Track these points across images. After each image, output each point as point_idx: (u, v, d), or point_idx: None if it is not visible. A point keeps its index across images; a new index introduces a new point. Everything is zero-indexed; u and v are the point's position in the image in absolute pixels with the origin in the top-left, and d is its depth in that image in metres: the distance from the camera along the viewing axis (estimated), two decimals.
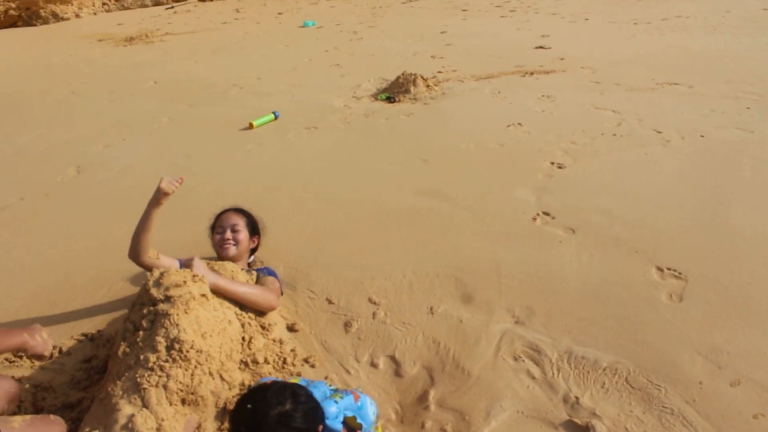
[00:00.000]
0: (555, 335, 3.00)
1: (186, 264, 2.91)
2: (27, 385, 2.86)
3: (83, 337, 3.25)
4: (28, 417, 2.44)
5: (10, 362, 3.08)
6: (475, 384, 2.74)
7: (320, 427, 1.97)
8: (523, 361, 2.86)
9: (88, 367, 3.03)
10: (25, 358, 3.09)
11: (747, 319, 3.02)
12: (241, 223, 3.45)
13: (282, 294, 3.39)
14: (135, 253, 3.11)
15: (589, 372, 2.76)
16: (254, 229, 3.54)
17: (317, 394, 2.18)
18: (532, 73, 7.72)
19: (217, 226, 3.46)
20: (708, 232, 3.80)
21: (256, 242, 3.57)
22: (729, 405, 2.53)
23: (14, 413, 2.61)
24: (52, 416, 2.52)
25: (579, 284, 3.36)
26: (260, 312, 3.09)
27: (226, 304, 2.95)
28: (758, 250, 3.58)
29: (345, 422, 2.15)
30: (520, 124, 5.86)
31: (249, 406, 1.89)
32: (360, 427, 2.17)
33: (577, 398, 2.61)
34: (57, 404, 2.79)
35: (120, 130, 6.77)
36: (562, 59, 8.34)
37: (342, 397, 2.25)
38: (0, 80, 10.15)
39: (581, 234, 3.87)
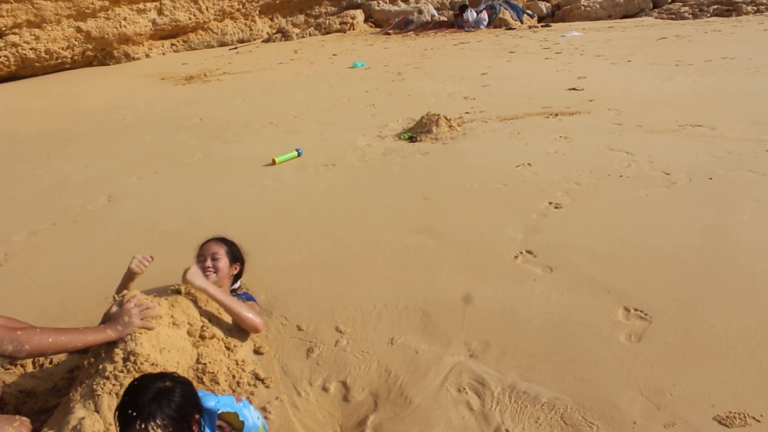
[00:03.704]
0: (503, 370, 3.06)
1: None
2: (13, 390, 3.15)
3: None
4: None
5: (6, 369, 3.38)
6: (414, 412, 2.84)
7: (197, 416, 2.10)
8: (466, 393, 2.93)
9: (70, 377, 3.29)
10: (18, 365, 3.39)
11: (700, 362, 3.00)
12: (221, 251, 3.65)
13: None
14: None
15: (527, 407, 2.80)
16: (235, 257, 3.73)
17: (201, 393, 2.30)
18: (556, 115, 7.77)
19: (199, 255, 3.68)
20: (688, 274, 3.77)
21: (238, 269, 3.76)
22: None
23: None
24: (18, 417, 2.76)
25: (540, 321, 3.41)
26: (228, 333, 3.29)
27: (194, 325, 3.17)
28: (737, 293, 3.53)
29: (224, 418, 2.25)
30: (529, 164, 5.93)
31: (135, 382, 2.06)
32: (242, 425, 2.28)
33: (507, 431, 2.66)
34: (35, 408, 3.06)
35: (155, 164, 7.20)
36: (591, 101, 8.35)
37: (221, 395, 2.36)
38: (64, 117, 10.91)
39: (558, 272, 3.91)
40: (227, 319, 3.39)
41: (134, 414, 1.94)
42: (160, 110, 10.71)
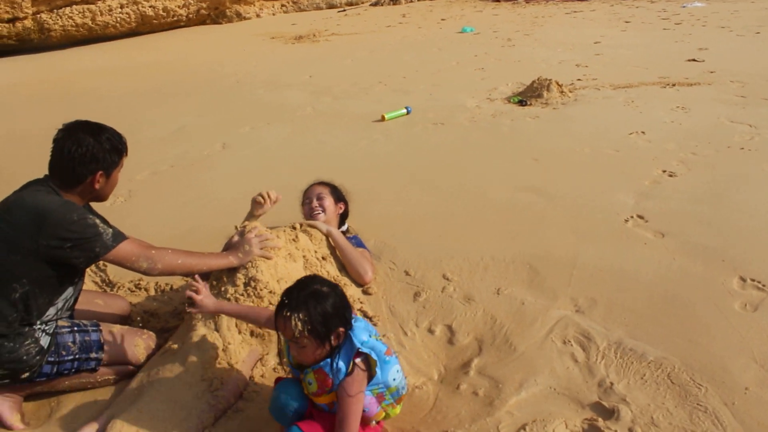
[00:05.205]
0: (610, 326, 3.06)
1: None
2: (138, 310, 3.45)
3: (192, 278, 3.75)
4: (126, 327, 2.97)
5: (132, 291, 3.70)
6: (518, 358, 2.89)
7: (341, 329, 2.19)
8: (571, 345, 2.96)
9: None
10: (143, 288, 3.69)
11: None
12: (325, 191, 3.78)
13: None
14: None
15: (632, 363, 2.80)
16: (339, 196, 3.85)
17: (360, 323, 2.35)
18: (673, 85, 7.48)
19: (305, 199, 3.82)
20: None
21: (343, 208, 3.86)
22: None
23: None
24: (145, 330, 3.02)
25: (649, 284, 3.38)
26: (339, 271, 3.45)
27: (309, 260, 3.34)
28: None
29: (365, 357, 2.32)
30: (643, 132, 5.78)
31: (303, 279, 2.23)
32: (375, 367, 2.25)
33: (611, 384, 2.68)
34: (158, 327, 3.34)
35: (267, 116, 7.49)
36: (712, 72, 7.97)
37: (378, 339, 2.38)
38: (180, 71, 11.43)
39: (670, 238, 3.83)
40: (339, 258, 3.54)
41: (286, 302, 2.11)
42: (271, 67, 11.04)
